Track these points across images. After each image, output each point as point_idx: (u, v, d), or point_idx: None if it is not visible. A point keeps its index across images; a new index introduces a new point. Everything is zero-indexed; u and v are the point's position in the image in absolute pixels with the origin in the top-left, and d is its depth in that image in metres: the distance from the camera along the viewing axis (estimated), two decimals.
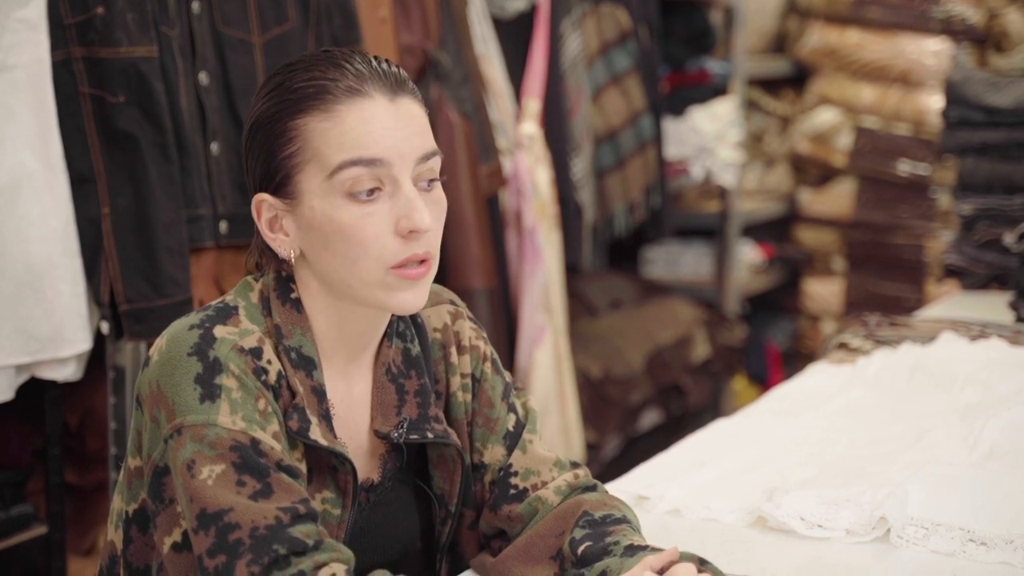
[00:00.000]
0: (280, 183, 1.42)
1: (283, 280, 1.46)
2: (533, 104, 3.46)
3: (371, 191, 1.39)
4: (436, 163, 1.43)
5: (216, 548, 1.31)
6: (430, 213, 1.41)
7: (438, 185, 1.45)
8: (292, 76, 1.41)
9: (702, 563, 1.40)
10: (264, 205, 1.44)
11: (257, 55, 2.55)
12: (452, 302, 1.60)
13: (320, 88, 1.39)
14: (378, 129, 1.39)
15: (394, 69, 1.44)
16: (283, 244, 1.44)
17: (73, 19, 2.27)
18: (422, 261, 1.41)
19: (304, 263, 1.45)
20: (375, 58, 1.44)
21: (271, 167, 1.42)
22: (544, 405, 3.31)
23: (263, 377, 1.39)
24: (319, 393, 1.44)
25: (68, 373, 2.33)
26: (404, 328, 1.53)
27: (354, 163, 1.38)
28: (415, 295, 1.42)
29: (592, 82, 3.77)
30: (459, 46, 3.10)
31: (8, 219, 2.21)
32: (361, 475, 1.49)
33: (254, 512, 1.31)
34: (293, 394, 1.42)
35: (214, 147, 2.48)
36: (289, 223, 1.43)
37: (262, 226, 1.44)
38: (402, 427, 1.49)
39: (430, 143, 1.43)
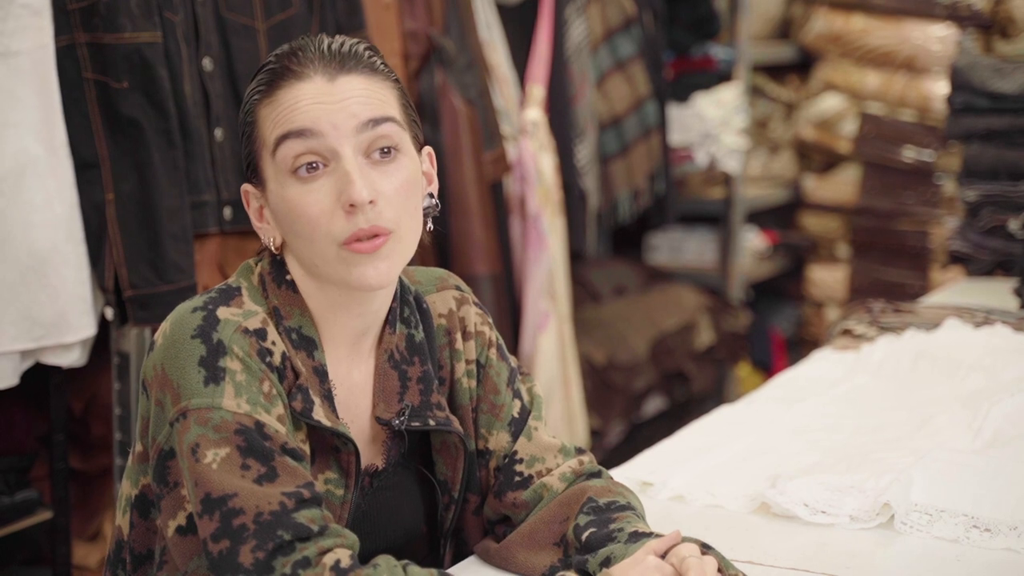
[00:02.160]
0: (252, 172, 1.45)
1: (278, 263, 1.47)
2: (537, 90, 3.45)
3: (311, 167, 1.38)
4: (389, 129, 1.40)
5: (220, 533, 1.31)
6: (385, 184, 1.39)
7: (402, 155, 1.41)
8: (263, 65, 1.44)
9: (705, 548, 1.40)
10: (250, 195, 1.46)
11: (261, 40, 2.54)
12: (458, 287, 1.59)
13: (269, 76, 1.42)
14: (307, 104, 1.39)
15: (346, 49, 1.42)
16: (266, 232, 1.46)
17: (77, 4, 2.27)
18: (374, 236, 1.39)
19: (289, 249, 1.46)
20: (334, 40, 1.43)
21: (244, 157, 1.45)
22: (548, 391, 3.31)
23: (268, 358, 1.39)
24: (320, 373, 1.44)
25: (72, 359, 2.34)
26: (409, 314, 1.53)
27: (285, 136, 1.39)
28: (375, 269, 1.39)
29: (596, 68, 3.76)
30: (463, 32, 3.09)
31: (12, 205, 2.21)
32: (365, 460, 1.49)
33: (258, 497, 1.31)
34: (297, 375, 1.42)
35: (218, 133, 2.48)
36: (267, 211, 1.45)
37: (251, 216, 1.47)
38: (404, 414, 1.49)
39: (374, 111, 1.40)
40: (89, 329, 2.32)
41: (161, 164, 2.32)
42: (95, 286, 2.34)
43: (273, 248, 1.45)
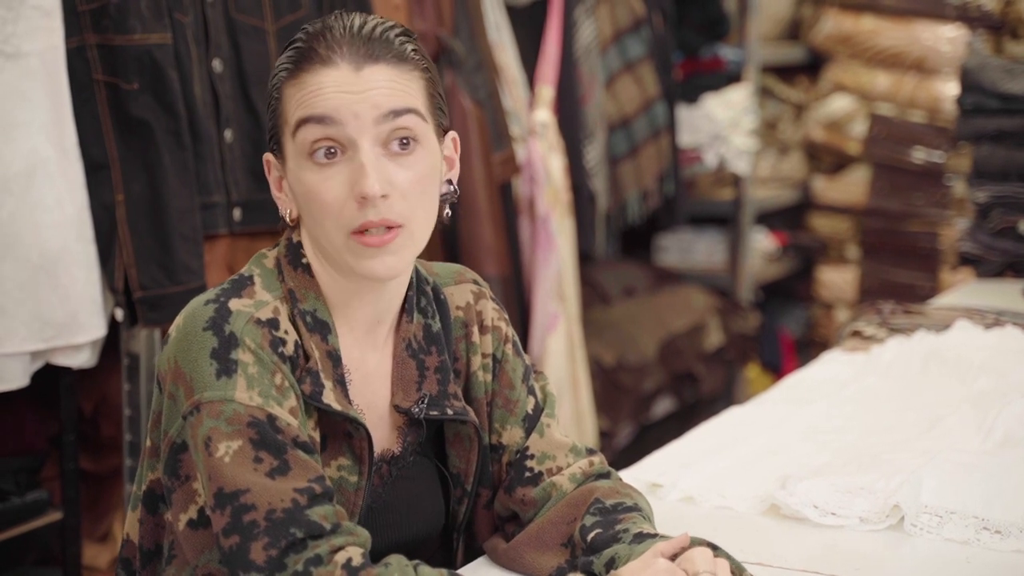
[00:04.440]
0: (275, 143, 1.46)
1: (293, 246, 1.47)
2: (546, 91, 3.45)
3: (329, 153, 1.39)
4: (409, 121, 1.40)
5: (231, 528, 1.32)
6: (400, 177, 1.39)
7: (421, 148, 1.41)
8: (293, 41, 1.44)
9: (713, 549, 1.40)
10: (272, 164, 1.48)
11: (271, 42, 2.55)
12: (475, 282, 1.60)
13: (297, 54, 1.42)
14: (331, 91, 1.38)
15: (377, 33, 1.41)
16: (284, 203, 1.47)
17: (87, 6, 2.27)
18: (389, 228, 1.39)
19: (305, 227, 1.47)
20: (366, 22, 1.42)
21: (269, 127, 1.46)
22: (557, 392, 3.29)
23: (280, 349, 1.39)
24: (334, 358, 1.44)
25: (83, 359, 2.34)
26: (426, 304, 1.53)
27: (305, 120, 1.39)
28: (383, 263, 1.40)
29: (605, 69, 3.76)
30: (472, 33, 3.09)
31: (23, 205, 2.22)
32: (379, 446, 1.49)
33: (271, 493, 1.32)
34: (308, 359, 1.42)
35: (228, 134, 2.48)
36: (286, 184, 1.46)
37: (271, 183, 1.48)
38: (422, 403, 1.49)
39: (396, 101, 1.39)
40: (99, 330, 2.33)
41: (171, 165, 2.33)
42: (105, 287, 2.34)
43: (289, 220, 1.46)
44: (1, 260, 2.20)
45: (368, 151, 1.38)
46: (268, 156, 1.48)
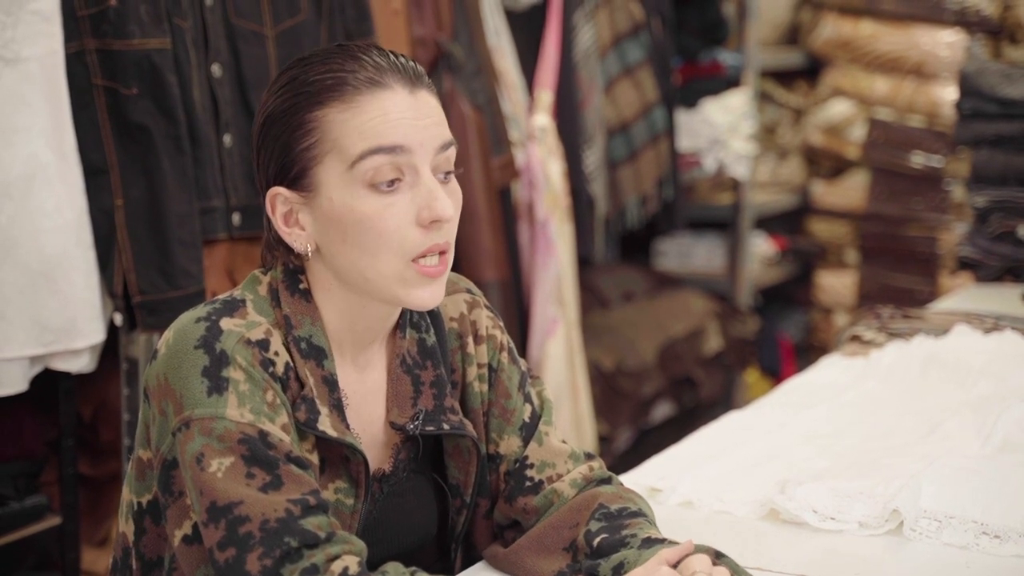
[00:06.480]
0: (296, 176, 1.41)
1: (291, 272, 1.46)
2: (545, 96, 3.45)
3: (392, 181, 1.39)
4: (452, 154, 1.44)
5: (226, 541, 1.31)
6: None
7: (453, 177, 1.45)
8: (308, 69, 1.41)
9: (718, 556, 1.40)
10: (279, 199, 1.43)
11: (270, 47, 2.55)
12: (469, 291, 1.60)
13: (339, 80, 1.39)
14: (398, 118, 1.39)
15: (411, 63, 1.44)
16: (299, 238, 1.43)
17: (86, 11, 2.27)
18: (441, 253, 1.41)
19: (318, 257, 1.45)
20: (391, 52, 1.44)
21: (287, 160, 1.41)
22: (556, 397, 3.31)
23: (270, 369, 1.39)
24: (330, 383, 1.44)
25: (82, 364, 2.34)
26: (419, 319, 1.53)
27: (375, 151, 1.38)
28: (432, 292, 1.42)
29: (604, 74, 3.77)
30: (472, 38, 3.09)
31: (22, 210, 2.22)
32: (374, 465, 1.49)
33: (264, 505, 1.31)
34: (301, 385, 1.42)
35: (227, 139, 2.49)
36: (305, 216, 1.42)
37: (276, 220, 1.44)
38: (418, 419, 1.49)
39: (447, 134, 1.43)
40: (98, 335, 2.33)
41: (170, 170, 2.33)
42: (104, 292, 2.34)
43: (308, 253, 1.44)
44: (0, 265, 2.20)
45: (431, 177, 1.40)
46: (278, 190, 1.42)
